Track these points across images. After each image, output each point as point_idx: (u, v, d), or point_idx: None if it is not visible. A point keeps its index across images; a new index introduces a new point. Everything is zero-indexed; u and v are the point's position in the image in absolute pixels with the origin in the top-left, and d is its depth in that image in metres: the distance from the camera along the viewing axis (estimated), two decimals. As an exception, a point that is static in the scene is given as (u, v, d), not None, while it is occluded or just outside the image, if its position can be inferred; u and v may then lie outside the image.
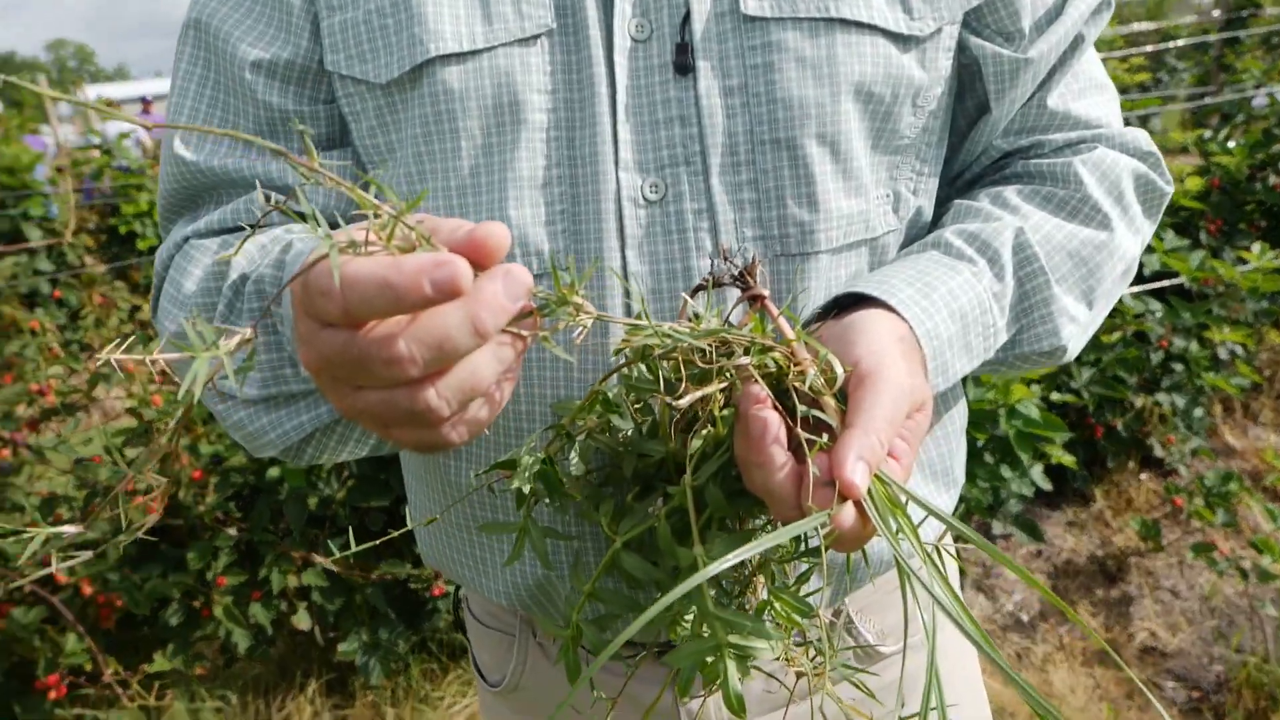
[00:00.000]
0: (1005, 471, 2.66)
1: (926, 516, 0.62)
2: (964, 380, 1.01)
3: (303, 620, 2.28)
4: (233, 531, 2.20)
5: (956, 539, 0.67)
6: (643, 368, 0.66)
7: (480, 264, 0.50)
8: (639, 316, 0.61)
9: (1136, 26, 9.06)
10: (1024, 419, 2.58)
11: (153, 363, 0.46)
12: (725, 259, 0.70)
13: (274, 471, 2.26)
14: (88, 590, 2.07)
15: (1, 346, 2.58)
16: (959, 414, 0.97)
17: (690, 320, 0.70)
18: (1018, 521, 2.82)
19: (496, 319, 0.49)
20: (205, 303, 0.79)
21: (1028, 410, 2.57)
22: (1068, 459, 2.77)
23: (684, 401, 0.59)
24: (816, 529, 0.58)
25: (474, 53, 0.77)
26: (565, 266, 0.78)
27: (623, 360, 0.63)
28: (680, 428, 0.67)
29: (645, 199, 0.77)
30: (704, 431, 0.65)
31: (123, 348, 0.44)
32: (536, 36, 0.77)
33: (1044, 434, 2.61)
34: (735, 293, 0.77)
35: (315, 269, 0.49)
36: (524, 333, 0.55)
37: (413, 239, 0.51)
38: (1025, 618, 2.92)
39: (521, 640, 0.97)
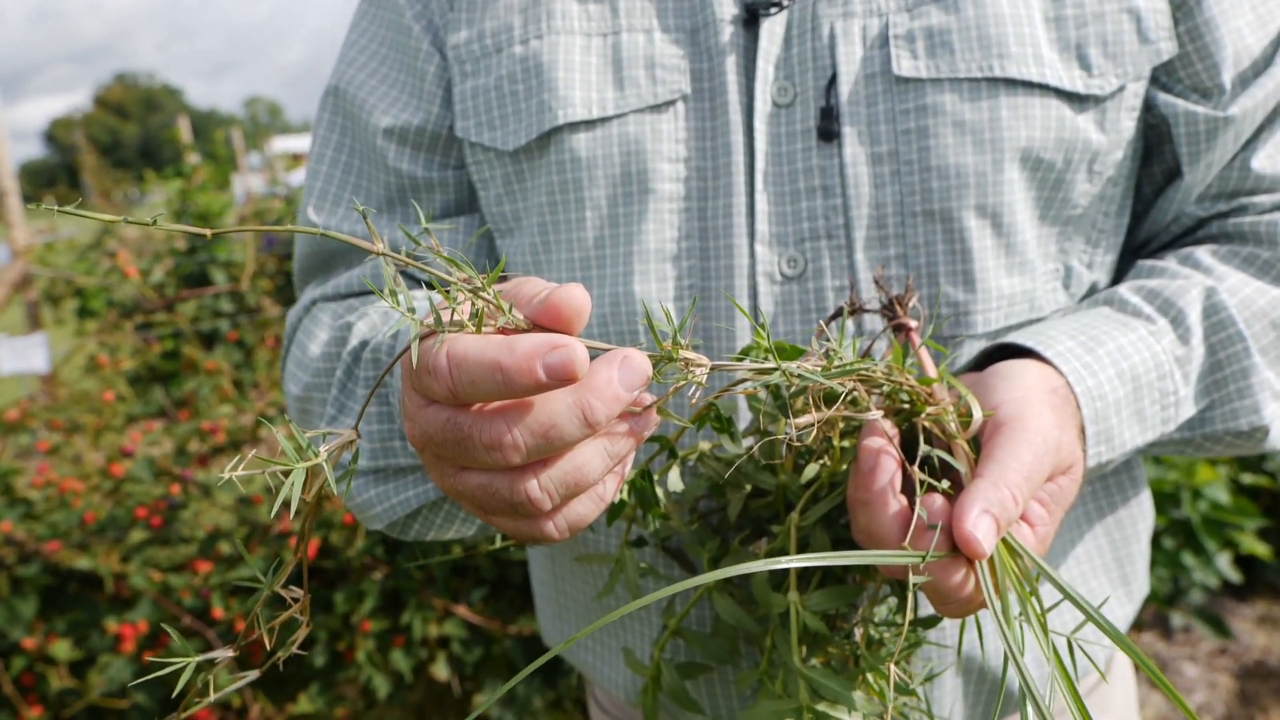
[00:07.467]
0: (1187, 559, 2.44)
1: (1061, 601, 0.53)
2: (1146, 475, 0.90)
3: (441, 670, 2.29)
4: (378, 576, 2.24)
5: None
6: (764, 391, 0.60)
7: (560, 333, 0.46)
8: (764, 354, 0.54)
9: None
10: (1210, 503, 2.36)
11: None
12: (878, 285, 0.64)
13: (421, 519, 2.26)
14: (240, 626, 2.14)
15: (181, 385, 2.74)
16: (1142, 514, 0.87)
17: (823, 348, 0.65)
18: (1201, 614, 2.58)
19: (609, 409, 0.45)
20: (326, 367, 0.78)
21: (1215, 493, 2.35)
22: (1260, 548, 2.52)
23: (802, 421, 0.52)
24: (916, 589, 0.52)
25: (603, 120, 0.74)
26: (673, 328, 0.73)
27: (742, 376, 0.54)
28: (797, 456, 0.61)
29: (782, 274, 0.72)
30: (820, 463, 0.60)
31: (242, 466, 0.43)
32: (670, 103, 0.74)
33: (1233, 520, 2.38)
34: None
35: (424, 344, 0.47)
36: (637, 428, 0.49)
37: (494, 308, 0.47)
38: (1208, 722, 2.66)
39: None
